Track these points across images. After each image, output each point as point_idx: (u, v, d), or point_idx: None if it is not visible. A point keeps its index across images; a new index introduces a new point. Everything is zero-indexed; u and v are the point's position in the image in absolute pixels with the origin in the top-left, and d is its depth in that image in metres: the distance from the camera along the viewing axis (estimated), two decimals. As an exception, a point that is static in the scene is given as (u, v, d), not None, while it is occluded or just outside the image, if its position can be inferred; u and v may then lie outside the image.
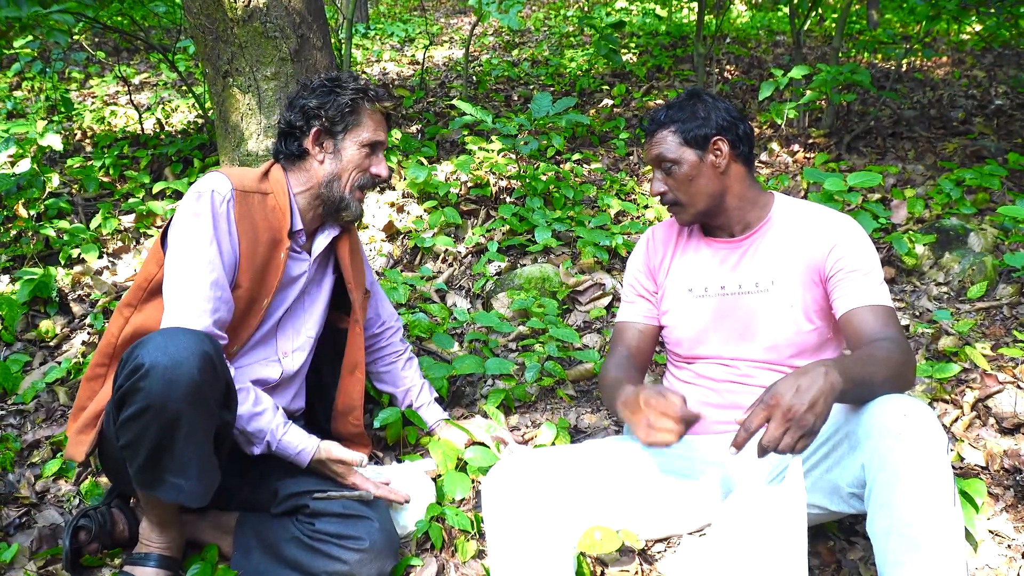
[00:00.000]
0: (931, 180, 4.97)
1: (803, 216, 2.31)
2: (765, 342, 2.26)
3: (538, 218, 4.49)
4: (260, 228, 2.36)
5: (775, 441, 1.70)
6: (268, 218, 2.37)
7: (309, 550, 2.18)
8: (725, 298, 2.32)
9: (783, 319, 2.24)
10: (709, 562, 1.96)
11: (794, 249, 2.26)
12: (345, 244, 2.61)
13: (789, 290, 2.24)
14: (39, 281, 3.66)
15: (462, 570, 2.27)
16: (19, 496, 2.68)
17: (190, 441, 2.03)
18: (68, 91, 7.62)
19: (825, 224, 2.25)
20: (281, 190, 2.41)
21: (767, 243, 2.31)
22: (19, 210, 4.37)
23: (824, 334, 2.26)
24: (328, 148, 2.43)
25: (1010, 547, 2.33)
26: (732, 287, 2.32)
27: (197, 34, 4.28)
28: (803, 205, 2.35)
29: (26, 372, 3.37)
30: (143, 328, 2.28)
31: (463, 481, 2.53)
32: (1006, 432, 2.77)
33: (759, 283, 2.28)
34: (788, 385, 1.72)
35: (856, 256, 2.18)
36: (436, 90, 7.40)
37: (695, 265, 2.40)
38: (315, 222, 2.52)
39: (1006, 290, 3.76)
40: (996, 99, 6.73)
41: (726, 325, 2.31)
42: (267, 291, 2.38)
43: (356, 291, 2.63)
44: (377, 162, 2.48)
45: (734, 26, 9.72)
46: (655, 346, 2.51)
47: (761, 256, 2.30)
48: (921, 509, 1.71)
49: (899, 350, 1.95)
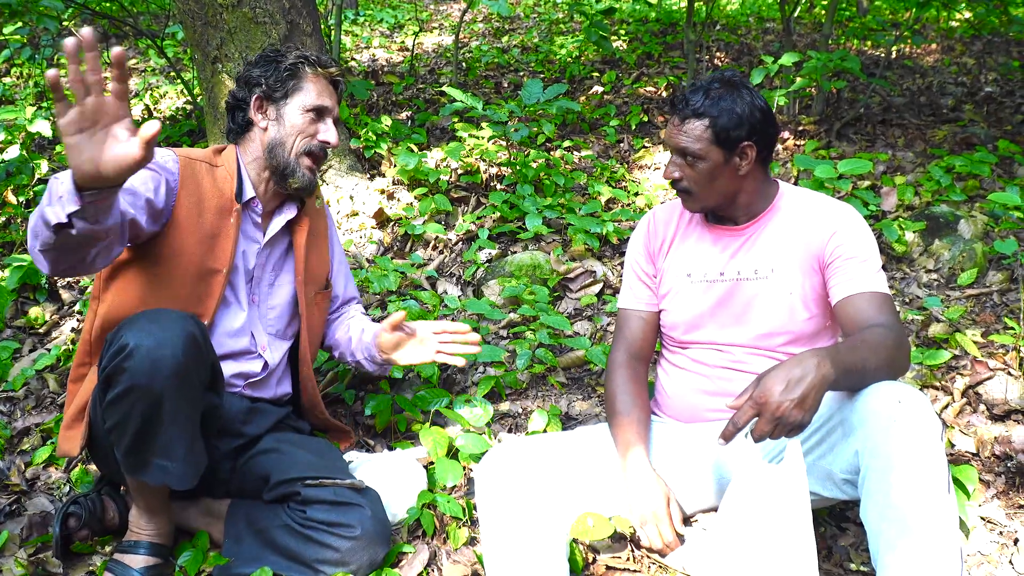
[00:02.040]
0: (921, 167, 4.97)
1: (805, 204, 2.29)
2: (760, 328, 2.25)
3: (529, 205, 4.48)
4: (207, 195, 2.35)
5: (764, 435, 1.70)
6: (217, 186, 2.38)
7: (300, 537, 2.17)
8: (724, 284, 2.30)
9: (780, 306, 2.23)
10: (717, 548, 1.95)
11: (795, 237, 2.25)
12: (303, 229, 2.58)
13: (788, 277, 2.23)
14: (28, 268, 3.64)
15: (454, 557, 2.26)
16: (9, 483, 2.66)
17: (175, 422, 2.02)
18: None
19: (826, 212, 2.24)
20: (230, 161, 2.43)
21: (769, 232, 2.29)
22: (8, 196, 4.34)
23: (820, 322, 2.25)
24: (271, 115, 2.44)
25: (1002, 534, 2.33)
26: (731, 274, 2.30)
27: (186, 20, 4.25)
28: (806, 194, 2.33)
29: (16, 359, 3.35)
30: (109, 317, 2.27)
31: (455, 468, 2.52)
32: (997, 419, 2.77)
33: (758, 270, 2.27)
34: (779, 378, 1.71)
35: (855, 243, 2.17)
36: (426, 77, 7.36)
37: (695, 250, 2.38)
38: (272, 199, 2.50)
39: (996, 277, 3.76)
40: (986, 86, 6.73)
41: (723, 311, 2.30)
42: (222, 260, 2.36)
43: (306, 284, 2.59)
44: (324, 128, 2.46)
45: (724, 13, 9.70)
46: (657, 334, 2.49)
47: (763, 244, 2.29)
48: (915, 496, 1.71)
49: (892, 336, 1.94)
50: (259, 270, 2.51)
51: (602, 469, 2.19)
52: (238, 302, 2.46)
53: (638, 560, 2.23)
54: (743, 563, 1.85)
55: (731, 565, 1.88)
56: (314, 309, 2.64)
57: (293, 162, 2.41)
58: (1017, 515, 2.39)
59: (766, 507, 1.82)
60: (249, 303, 2.49)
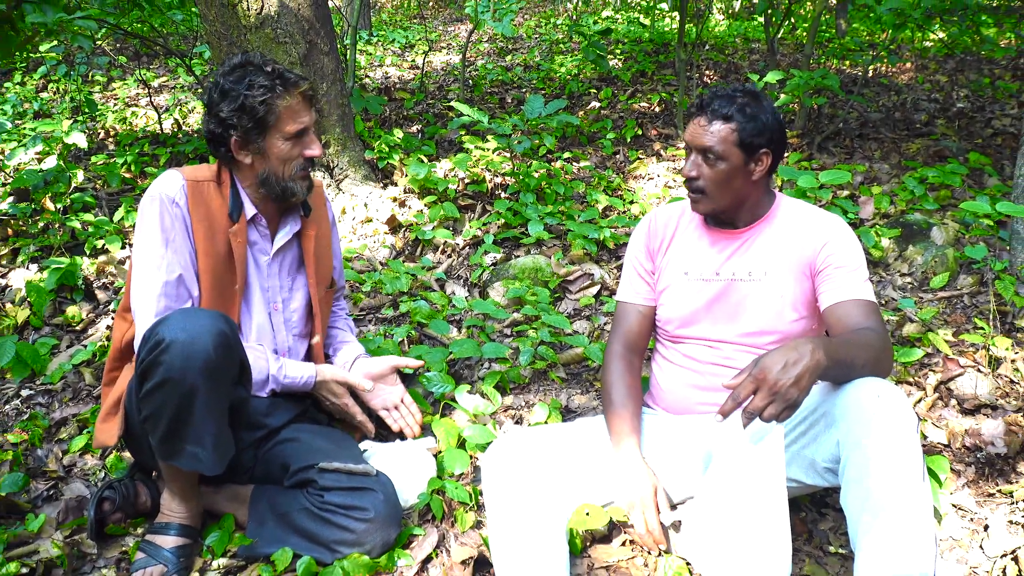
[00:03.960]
0: (896, 178, 4.96)
1: (799, 215, 2.29)
2: (750, 327, 2.25)
3: (531, 212, 4.48)
4: (216, 214, 2.33)
5: (759, 411, 1.70)
6: (225, 204, 2.36)
7: (319, 520, 2.17)
8: (718, 283, 2.30)
9: (771, 308, 2.23)
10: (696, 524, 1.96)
11: (788, 244, 2.25)
12: (311, 240, 2.55)
13: (780, 281, 2.23)
14: (66, 270, 3.65)
15: (461, 539, 2.27)
16: (47, 470, 2.67)
17: (206, 413, 2.03)
18: (91, 93, 7.57)
19: (818, 223, 2.24)
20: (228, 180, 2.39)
21: (764, 237, 2.29)
22: (46, 203, 4.35)
23: (807, 325, 2.25)
24: (253, 150, 2.32)
25: (972, 520, 2.34)
26: (726, 274, 2.29)
27: (213, 40, 4.26)
28: (800, 205, 2.32)
29: (54, 354, 3.35)
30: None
31: (462, 457, 2.53)
32: (967, 412, 2.77)
33: (752, 272, 2.27)
34: (777, 359, 1.71)
35: (845, 253, 2.17)
36: (435, 93, 7.37)
37: (694, 251, 2.37)
38: (275, 211, 2.47)
39: (966, 280, 3.76)
40: (958, 102, 6.72)
41: (716, 309, 2.30)
42: (236, 275, 2.36)
43: (318, 285, 2.59)
44: (308, 144, 2.35)
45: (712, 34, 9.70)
46: (653, 328, 2.48)
47: (758, 248, 2.28)
48: (891, 483, 1.71)
49: (879, 339, 1.95)
50: (273, 279, 2.49)
51: (599, 459, 2.19)
52: (257, 312, 2.46)
53: (632, 545, 2.24)
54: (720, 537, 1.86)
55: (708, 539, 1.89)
56: (325, 307, 2.65)
57: (288, 184, 2.36)
58: (987, 503, 2.39)
59: (744, 485, 1.83)
60: (272, 311, 2.49)
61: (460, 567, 2.16)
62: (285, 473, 2.31)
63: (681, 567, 2.09)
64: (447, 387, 2.90)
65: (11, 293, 3.75)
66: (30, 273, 3.87)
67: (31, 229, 4.22)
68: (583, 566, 2.14)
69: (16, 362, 3.22)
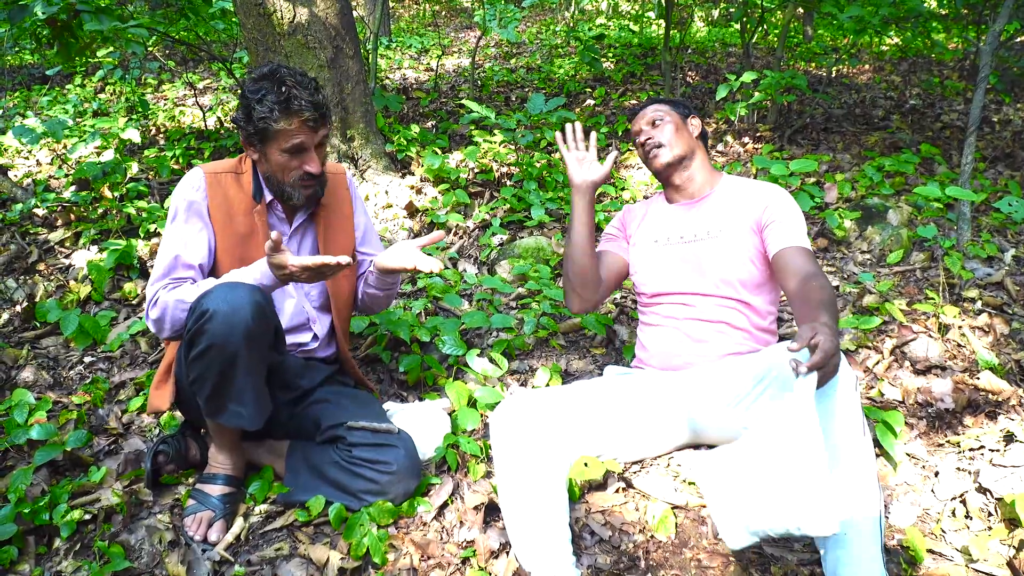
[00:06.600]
0: (857, 167, 4.93)
1: (744, 185, 2.46)
2: (715, 278, 2.34)
3: (533, 198, 4.46)
4: (234, 200, 2.31)
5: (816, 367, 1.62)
6: (244, 191, 2.33)
7: (348, 472, 2.17)
8: (684, 245, 2.42)
9: (730, 259, 2.33)
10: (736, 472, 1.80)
11: (737, 206, 2.39)
12: (324, 219, 2.47)
13: (734, 236, 2.34)
14: (123, 251, 3.64)
15: (473, 488, 2.26)
16: (108, 427, 2.67)
17: (247, 375, 2.03)
18: (144, 94, 7.54)
19: (760, 189, 2.40)
20: (249, 168, 2.36)
21: (716, 202, 2.45)
22: (105, 192, 4.33)
23: (763, 273, 2.34)
24: (258, 151, 2.27)
25: (924, 467, 2.33)
26: (689, 235, 2.42)
27: (251, 45, 4.22)
28: (744, 179, 2.50)
29: (113, 325, 3.35)
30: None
31: (473, 415, 2.53)
32: (919, 373, 2.76)
33: (710, 231, 2.39)
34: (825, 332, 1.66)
35: (784, 211, 2.30)
36: (448, 92, 7.31)
37: (660, 221, 2.53)
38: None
39: (919, 257, 3.74)
40: (911, 99, 6.67)
41: (685, 267, 2.40)
42: (257, 255, 2.31)
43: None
44: (306, 160, 2.25)
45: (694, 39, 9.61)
46: (618, 277, 2.60)
47: (712, 211, 2.43)
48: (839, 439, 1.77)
49: (828, 286, 2.03)
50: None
51: (594, 415, 2.19)
52: (283, 289, 2.41)
53: (624, 491, 2.23)
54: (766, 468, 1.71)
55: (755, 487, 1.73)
56: (342, 281, 2.52)
57: (288, 189, 2.29)
58: (937, 452, 2.39)
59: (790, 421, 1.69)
60: (297, 287, 2.45)
61: (473, 512, 2.16)
62: (317, 430, 2.31)
63: (667, 511, 2.09)
64: (460, 350, 2.90)
65: (75, 271, 3.74)
66: (91, 254, 3.86)
67: (91, 215, 4.20)
68: (581, 511, 2.14)
69: (79, 332, 3.21)
